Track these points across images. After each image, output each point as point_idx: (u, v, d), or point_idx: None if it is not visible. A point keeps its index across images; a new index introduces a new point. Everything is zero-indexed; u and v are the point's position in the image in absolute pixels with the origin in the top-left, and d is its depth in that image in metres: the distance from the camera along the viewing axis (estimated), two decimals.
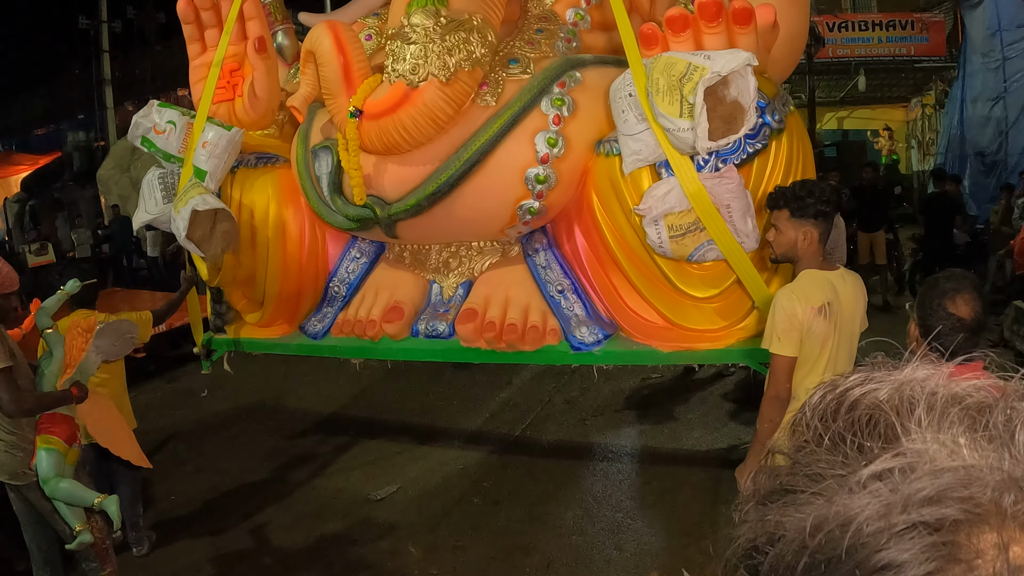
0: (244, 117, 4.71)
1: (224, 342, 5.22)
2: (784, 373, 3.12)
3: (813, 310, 3.07)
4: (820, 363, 3.15)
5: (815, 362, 3.14)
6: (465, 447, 6.40)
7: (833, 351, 3.16)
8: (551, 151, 3.87)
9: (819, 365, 3.14)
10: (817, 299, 3.09)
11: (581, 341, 4.07)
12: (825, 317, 3.09)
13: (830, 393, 0.57)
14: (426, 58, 3.74)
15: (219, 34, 4.67)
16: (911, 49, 17.06)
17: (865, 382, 0.56)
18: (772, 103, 3.59)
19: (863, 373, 0.57)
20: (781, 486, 0.55)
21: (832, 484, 0.50)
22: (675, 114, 3.32)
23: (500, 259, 4.51)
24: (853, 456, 0.52)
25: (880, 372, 0.57)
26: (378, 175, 4.09)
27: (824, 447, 0.54)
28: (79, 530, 3.89)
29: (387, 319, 4.41)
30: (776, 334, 3.10)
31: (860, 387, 0.56)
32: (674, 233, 3.51)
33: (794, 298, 3.09)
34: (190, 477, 6.13)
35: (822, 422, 0.55)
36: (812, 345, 3.11)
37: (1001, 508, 0.45)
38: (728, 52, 3.32)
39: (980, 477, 0.46)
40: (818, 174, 4.13)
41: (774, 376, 3.15)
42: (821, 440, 0.55)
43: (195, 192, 4.25)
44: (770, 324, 3.14)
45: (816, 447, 0.55)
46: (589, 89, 3.99)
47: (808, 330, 3.08)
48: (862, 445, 0.52)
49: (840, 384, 0.57)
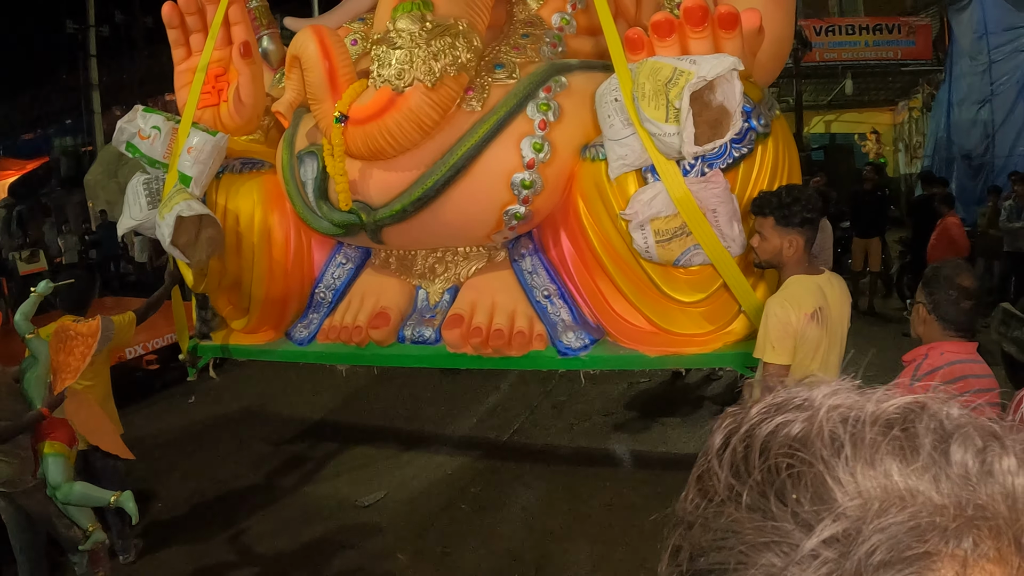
0: (229, 122, 4.69)
1: (210, 348, 5.20)
2: (778, 381, 3.11)
3: (806, 316, 3.06)
4: (812, 368, 3.14)
5: (807, 368, 3.13)
6: (453, 453, 6.38)
7: (824, 355, 3.15)
8: (537, 156, 3.87)
9: (811, 370, 3.14)
10: (809, 305, 3.08)
11: (568, 346, 4.07)
12: (818, 323, 3.09)
13: (735, 435, 0.51)
14: (412, 63, 3.74)
15: (204, 39, 4.65)
16: (898, 52, 17.14)
17: (771, 415, 0.50)
18: (758, 107, 3.59)
19: (767, 404, 0.51)
20: (709, 568, 0.48)
21: (771, 559, 0.45)
22: (661, 119, 3.32)
23: (486, 264, 4.49)
24: (782, 517, 0.45)
25: (784, 399, 0.52)
26: (364, 180, 4.08)
27: (744, 507, 0.47)
28: (91, 530, 4.02)
29: (373, 325, 4.40)
30: (770, 342, 3.08)
31: (768, 423, 0.50)
32: (660, 238, 3.50)
33: (787, 306, 3.07)
34: (177, 484, 6.10)
35: (736, 476, 0.49)
36: (805, 351, 3.10)
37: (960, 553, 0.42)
38: (714, 57, 3.32)
39: (931, 524, 0.43)
40: (804, 177, 4.13)
41: (768, 385, 3.13)
42: (739, 500, 0.48)
43: (180, 198, 4.23)
44: (763, 333, 3.12)
45: (735, 510, 0.48)
46: (575, 94, 3.98)
47: (801, 336, 3.07)
48: (788, 501, 0.46)
49: (744, 421, 0.51)
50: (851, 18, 17.56)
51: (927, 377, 2.60)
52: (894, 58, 17.15)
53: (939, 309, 2.68)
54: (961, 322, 2.69)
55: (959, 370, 2.62)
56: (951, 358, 2.66)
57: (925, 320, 2.75)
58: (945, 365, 2.63)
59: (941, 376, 2.59)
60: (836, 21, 17.28)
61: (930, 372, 2.62)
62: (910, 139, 18.54)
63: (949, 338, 2.70)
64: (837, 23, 17.14)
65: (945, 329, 2.70)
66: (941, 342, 2.71)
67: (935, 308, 2.69)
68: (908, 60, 17.24)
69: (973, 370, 2.65)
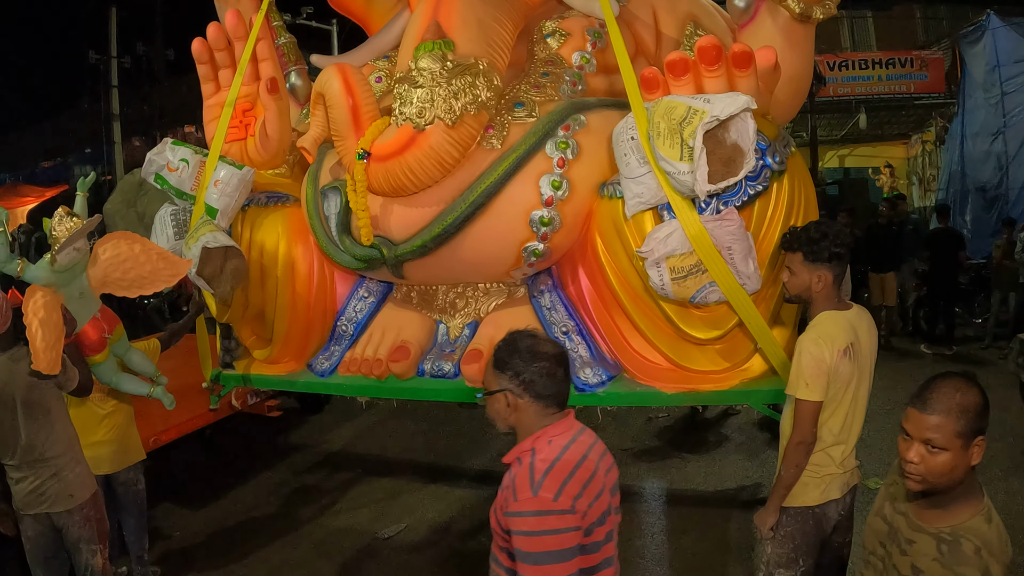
0: (256, 156, 4.78)
1: (232, 378, 5.26)
2: (811, 418, 3.13)
3: (839, 353, 3.09)
4: (844, 404, 3.18)
5: (839, 403, 3.17)
6: (472, 486, 6.41)
7: (855, 390, 3.19)
8: (555, 194, 3.93)
9: (843, 405, 3.18)
10: (842, 341, 3.12)
11: (585, 382, 4.10)
12: (850, 359, 3.12)
13: None
14: (432, 101, 3.81)
15: (232, 74, 4.75)
16: (911, 86, 17.25)
17: None
18: (773, 145, 3.64)
19: None
20: None
21: None
22: (675, 157, 3.38)
23: (506, 300, 4.55)
24: None
25: None
26: (385, 216, 4.16)
27: None
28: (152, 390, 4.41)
29: (393, 358, 4.45)
30: (803, 380, 3.10)
31: None
32: (676, 275, 3.54)
33: (821, 343, 3.10)
34: (196, 511, 6.14)
35: None
36: (838, 387, 3.13)
37: None
38: (727, 96, 3.38)
39: None
40: (824, 213, 4.16)
41: (801, 422, 3.14)
42: None
43: (206, 229, 4.31)
44: (796, 370, 3.14)
45: None
46: (593, 132, 4.05)
47: (835, 373, 3.10)
48: None
49: None
50: (864, 53, 17.69)
51: (550, 479, 2.18)
52: (907, 92, 17.25)
53: (534, 387, 2.31)
54: (560, 393, 2.36)
55: (576, 453, 2.29)
56: (563, 442, 2.31)
57: (516, 408, 2.35)
58: (561, 453, 2.26)
59: (559, 470, 2.21)
60: (849, 56, 17.42)
61: (548, 470, 2.21)
62: (924, 172, 18.58)
63: (549, 418, 2.35)
64: (850, 58, 17.28)
65: (547, 407, 2.34)
66: (544, 429, 2.33)
67: (528, 388, 2.32)
68: (921, 94, 17.34)
69: (585, 443, 2.36)
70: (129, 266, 3.97)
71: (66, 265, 3.83)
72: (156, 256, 4.02)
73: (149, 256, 4.00)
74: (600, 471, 2.33)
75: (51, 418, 3.84)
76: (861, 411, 3.28)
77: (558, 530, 2.14)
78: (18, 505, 3.92)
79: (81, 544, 3.97)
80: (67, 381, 3.81)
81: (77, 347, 3.97)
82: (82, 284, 3.94)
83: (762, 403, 4.09)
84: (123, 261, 3.96)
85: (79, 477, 3.94)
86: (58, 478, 3.87)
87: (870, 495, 5.53)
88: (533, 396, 2.32)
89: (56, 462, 3.86)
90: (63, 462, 3.87)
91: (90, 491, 4.00)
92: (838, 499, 3.29)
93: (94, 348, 4.06)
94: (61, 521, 3.92)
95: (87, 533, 3.97)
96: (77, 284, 3.92)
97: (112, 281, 4.00)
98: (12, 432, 3.79)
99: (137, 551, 4.96)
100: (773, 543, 3.32)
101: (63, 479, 3.87)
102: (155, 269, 4.00)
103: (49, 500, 3.87)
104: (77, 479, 3.92)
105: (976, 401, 2.09)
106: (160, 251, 4.07)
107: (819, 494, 3.25)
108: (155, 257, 4.01)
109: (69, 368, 3.80)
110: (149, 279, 4.01)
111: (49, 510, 3.89)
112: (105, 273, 3.97)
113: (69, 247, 3.76)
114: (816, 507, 3.26)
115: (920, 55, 17.28)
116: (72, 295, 3.90)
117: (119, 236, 4.07)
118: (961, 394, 2.08)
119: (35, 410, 3.78)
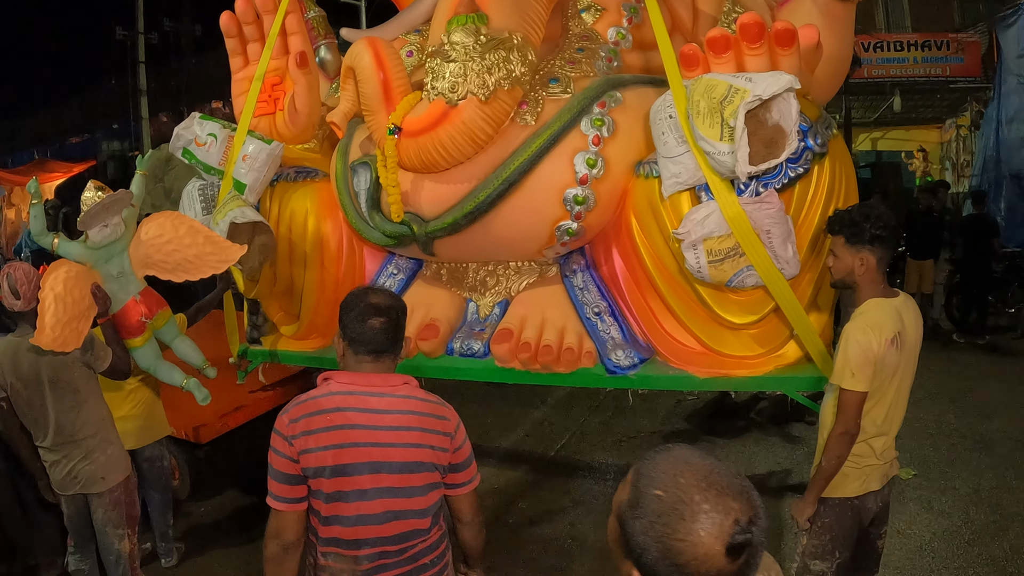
0: (284, 131, 4.73)
1: (260, 353, 5.23)
2: (856, 409, 3.05)
3: (887, 342, 3.00)
4: (888, 394, 3.10)
5: (883, 393, 3.08)
6: (500, 465, 6.38)
7: (899, 380, 3.11)
8: (590, 172, 3.85)
9: (887, 396, 3.10)
10: (889, 330, 3.03)
11: (617, 365, 4.03)
12: (897, 348, 3.04)
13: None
14: (465, 76, 3.73)
15: (261, 48, 4.70)
16: (946, 69, 16.92)
17: None
18: (815, 126, 3.53)
19: None
20: None
21: None
22: (715, 137, 3.28)
23: (537, 279, 4.48)
24: None
25: None
26: (416, 192, 4.10)
27: None
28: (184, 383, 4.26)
29: (422, 336, 4.40)
30: (850, 369, 3.02)
31: None
32: (713, 258, 3.46)
33: (869, 332, 3.01)
34: (221, 487, 6.14)
35: None
36: (883, 378, 3.05)
37: None
38: (770, 75, 3.27)
39: None
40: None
41: (845, 412, 3.06)
42: None
43: (234, 204, 4.26)
44: (842, 358, 3.06)
45: None
46: (629, 109, 3.96)
47: (881, 363, 3.01)
48: None
49: None
50: (899, 34, 17.35)
51: (293, 407, 2.44)
52: (942, 75, 16.93)
53: (347, 332, 2.49)
54: (370, 340, 2.47)
55: (331, 402, 2.42)
56: (332, 388, 2.46)
57: (340, 348, 2.56)
58: (320, 395, 2.45)
59: (305, 405, 2.44)
60: (885, 37, 17.10)
61: (300, 402, 2.45)
62: (957, 158, 18.28)
63: (360, 364, 2.49)
64: (886, 39, 16.96)
65: (356, 353, 2.49)
66: (340, 371, 2.52)
67: (344, 332, 2.51)
68: (956, 77, 17.01)
69: (352, 402, 2.43)
70: (173, 248, 3.85)
71: (100, 243, 3.80)
72: (203, 239, 3.85)
73: (195, 239, 3.85)
74: (354, 434, 2.39)
75: (80, 398, 3.82)
76: (903, 402, 3.20)
77: (275, 449, 2.43)
78: (55, 487, 3.95)
79: (108, 528, 3.98)
80: (96, 361, 3.80)
81: (114, 328, 3.93)
82: (122, 264, 3.91)
83: (796, 390, 3.99)
84: (167, 242, 3.86)
85: (111, 459, 3.94)
86: (89, 459, 3.87)
87: (901, 485, 5.47)
88: (347, 340, 2.51)
89: (87, 443, 3.86)
90: (94, 443, 3.88)
91: (123, 474, 4.00)
92: (877, 491, 3.22)
93: (131, 331, 4.01)
94: (94, 503, 3.94)
95: (115, 517, 3.98)
96: (116, 263, 3.89)
97: (155, 263, 3.91)
98: (42, 412, 3.79)
99: (161, 527, 4.98)
100: (810, 534, 3.26)
101: (94, 460, 3.88)
102: (201, 253, 3.84)
103: (81, 482, 3.89)
104: (109, 461, 3.92)
105: None
106: (208, 234, 3.89)
107: (859, 485, 3.18)
108: (202, 240, 3.85)
109: (99, 348, 3.78)
110: (195, 264, 3.86)
111: (82, 491, 3.91)
112: (147, 254, 3.90)
113: (97, 223, 3.73)
114: (855, 498, 3.20)
115: (956, 38, 16.94)
116: (110, 274, 3.88)
117: (165, 216, 3.95)
118: None
119: (63, 390, 3.77)
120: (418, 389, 2.55)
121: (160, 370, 4.25)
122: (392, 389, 2.48)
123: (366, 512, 2.41)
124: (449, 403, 2.61)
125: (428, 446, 2.45)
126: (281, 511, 2.45)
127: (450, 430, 2.53)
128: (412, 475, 2.44)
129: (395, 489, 2.42)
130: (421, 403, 2.50)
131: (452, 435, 2.53)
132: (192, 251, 3.84)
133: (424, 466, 2.45)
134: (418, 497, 2.46)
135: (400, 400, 2.47)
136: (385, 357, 2.53)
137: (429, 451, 2.45)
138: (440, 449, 2.48)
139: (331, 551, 2.45)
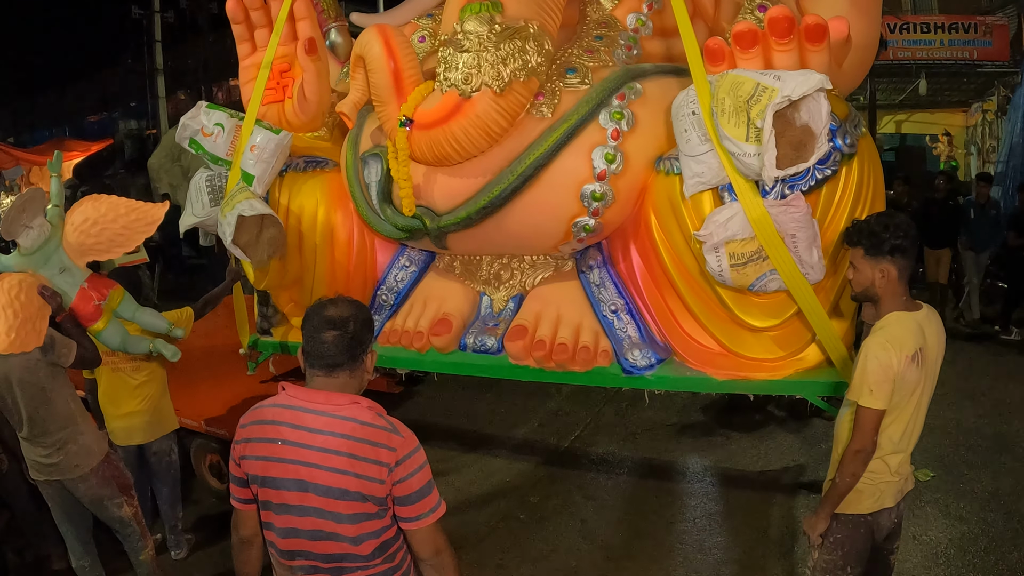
0: (293, 119, 4.63)
1: (270, 345, 5.17)
2: (873, 426, 2.91)
3: (907, 359, 2.85)
4: (907, 411, 2.96)
5: (902, 410, 2.95)
6: (512, 457, 6.30)
7: (919, 397, 2.97)
8: (609, 167, 3.72)
9: (905, 412, 2.96)
10: (910, 347, 2.88)
11: (633, 364, 3.92)
12: (918, 365, 2.89)
13: None
14: (479, 67, 3.61)
15: (269, 34, 4.59)
16: (973, 52, 16.54)
17: None
18: (843, 125, 3.35)
19: None
20: None
21: None
22: (741, 137, 3.13)
23: (553, 274, 4.37)
24: None
25: None
26: (428, 186, 3.99)
27: None
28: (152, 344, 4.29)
29: (435, 332, 4.30)
30: (868, 386, 2.87)
31: None
32: (735, 262, 3.31)
33: (889, 348, 2.86)
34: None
35: None
36: (903, 394, 2.91)
37: None
38: (800, 73, 3.11)
39: None
40: None
41: (861, 429, 2.92)
42: None
43: (242, 197, 4.17)
44: (860, 374, 2.91)
45: None
46: (650, 102, 3.82)
47: (901, 380, 2.87)
48: None
49: None
50: (926, 16, 16.99)
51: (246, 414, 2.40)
52: (969, 58, 16.56)
53: (305, 345, 2.35)
54: (320, 355, 2.29)
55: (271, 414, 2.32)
56: (280, 400, 2.34)
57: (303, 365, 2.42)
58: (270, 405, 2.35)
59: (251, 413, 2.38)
60: (911, 19, 16.73)
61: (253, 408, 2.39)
62: (983, 143, 17.94)
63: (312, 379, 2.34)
64: (912, 21, 16.60)
65: (309, 364, 2.34)
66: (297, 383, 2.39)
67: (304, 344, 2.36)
68: (984, 61, 16.64)
69: (288, 416, 2.29)
70: (100, 228, 3.96)
71: (32, 247, 3.83)
72: (125, 209, 4.00)
73: (117, 211, 3.99)
74: (282, 449, 2.28)
75: (48, 395, 3.87)
76: (922, 418, 3.06)
77: (231, 455, 2.42)
78: (32, 475, 4.03)
79: (105, 501, 4.06)
80: (61, 358, 3.85)
81: (75, 321, 3.98)
82: (61, 260, 3.92)
83: (816, 395, 3.86)
84: (92, 224, 3.94)
85: (83, 448, 3.97)
86: (63, 451, 3.92)
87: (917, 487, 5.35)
88: (303, 353, 2.39)
89: (58, 436, 3.91)
90: (65, 436, 3.92)
91: (97, 457, 4.03)
92: (891, 507, 3.10)
93: (90, 318, 4.03)
94: (73, 486, 3.99)
95: (107, 491, 4.05)
96: (56, 261, 3.91)
97: (89, 248, 3.98)
98: (15, 409, 3.87)
99: (171, 520, 4.94)
100: (822, 549, 3.16)
101: (67, 452, 3.93)
102: (128, 223, 4.00)
103: (57, 471, 3.95)
104: (81, 450, 3.97)
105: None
106: (127, 203, 4.03)
107: (872, 502, 3.06)
108: (124, 211, 4.00)
109: (60, 345, 3.84)
110: (125, 235, 4.01)
111: (59, 478, 3.96)
112: (80, 241, 3.96)
113: (19, 227, 3.77)
114: (868, 515, 3.08)
115: (984, 20, 16.55)
116: (53, 273, 3.90)
117: (84, 201, 4.05)
118: None
119: (30, 388, 3.82)
120: (366, 411, 2.31)
121: (129, 345, 4.26)
122: (333, 408, 2.28)
123: (297, 526, 2.28)
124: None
125: (354, 474, 2.22)
126: (235, 507, 2.50)
127: (389, 461, 2.24)
128: (338, 501, 2.23)
129: (323, 511, 2.24)
130: (360, 427, 2.26)
131: (391, 467, 2.24)
132: (119, 224, 3.99)
133: (350, 495, 2.22)
134: (347, 524, 2.25)
135: (337, 421, 2.26)
136: (339, 372, 2.32)
137: (355, 480, 2.22)
138: (373, 480, 2.23)
139: (274, 555, 2.42)
